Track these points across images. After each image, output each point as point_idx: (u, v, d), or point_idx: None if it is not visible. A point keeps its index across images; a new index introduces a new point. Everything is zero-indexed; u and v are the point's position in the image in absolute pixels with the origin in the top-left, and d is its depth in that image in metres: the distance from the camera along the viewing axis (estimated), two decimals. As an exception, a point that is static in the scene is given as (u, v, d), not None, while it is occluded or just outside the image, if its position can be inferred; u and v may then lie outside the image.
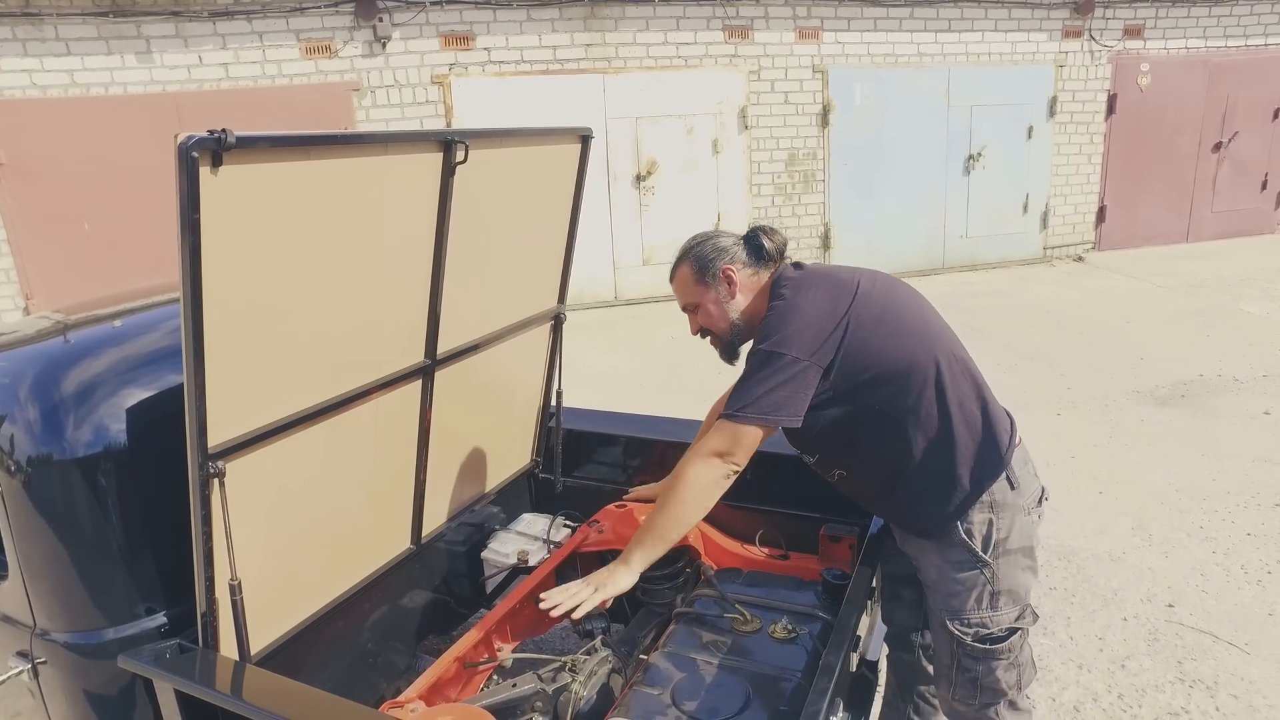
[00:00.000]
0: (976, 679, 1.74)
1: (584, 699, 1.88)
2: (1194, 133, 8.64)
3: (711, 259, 1.79)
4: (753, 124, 7.38)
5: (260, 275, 1.42)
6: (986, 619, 1.71)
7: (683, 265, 1.83)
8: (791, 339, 1.61)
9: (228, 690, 1.41)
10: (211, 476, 1.40)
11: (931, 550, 1.74)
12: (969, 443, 1.69)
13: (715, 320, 1.83)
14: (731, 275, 1.79)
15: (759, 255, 1.81)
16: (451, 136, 1.73)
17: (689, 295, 1.83)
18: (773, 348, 1.61)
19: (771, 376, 1.60)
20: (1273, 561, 3.16)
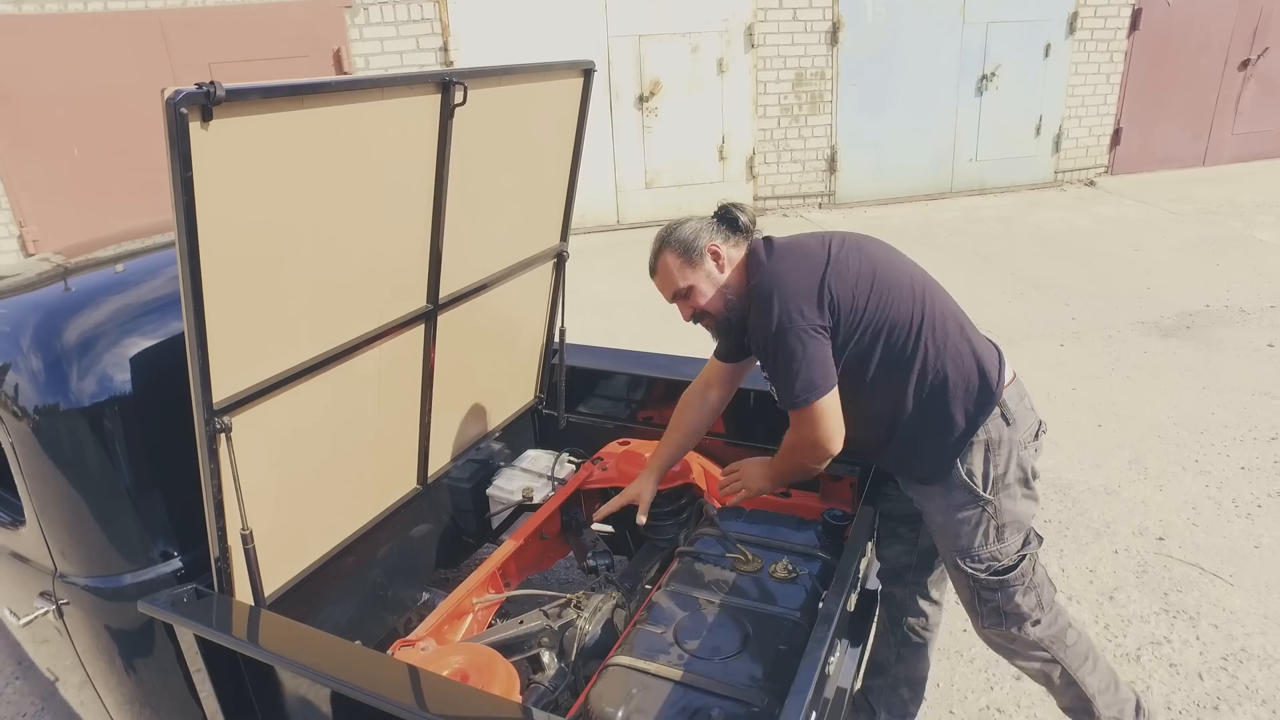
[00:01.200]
0: (999, 607, 1.83)
1: (589, 634, 1.95)
2: (1221, 49, 8.30)
3: (693, 240, 1.79)
4: (759, 42, 7.10)
5: (258, 228, 1.40)
6: (995, 552, 1.78)
7: (664, 253, 1.82)
8: (793, 312, 1.64)
9: (244, 636, 1.46)
10: (218, 432, 1.41)
11: (936, 495, 1.79)
12: (959, 383, 1.73)
13: (709, 299, 1.82)
14: (718, 251, 1.79)
15: (735, 228, 1.82)
16: (449, 77, 1.67)
17: (677, 280, 1.82)
18: (786, 326, 1.63)
19: (803, 351, 1.64)
20: (1264, 495, 3.21)
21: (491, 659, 1.66)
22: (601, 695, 1.61)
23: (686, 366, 2.57)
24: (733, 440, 2.47)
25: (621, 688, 1.61)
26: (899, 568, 2.09)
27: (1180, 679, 2.36)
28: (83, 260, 2.06)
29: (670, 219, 1.93)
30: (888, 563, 2.12)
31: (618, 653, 1.72)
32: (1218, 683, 2.34)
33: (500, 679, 1.60)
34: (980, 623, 1.89)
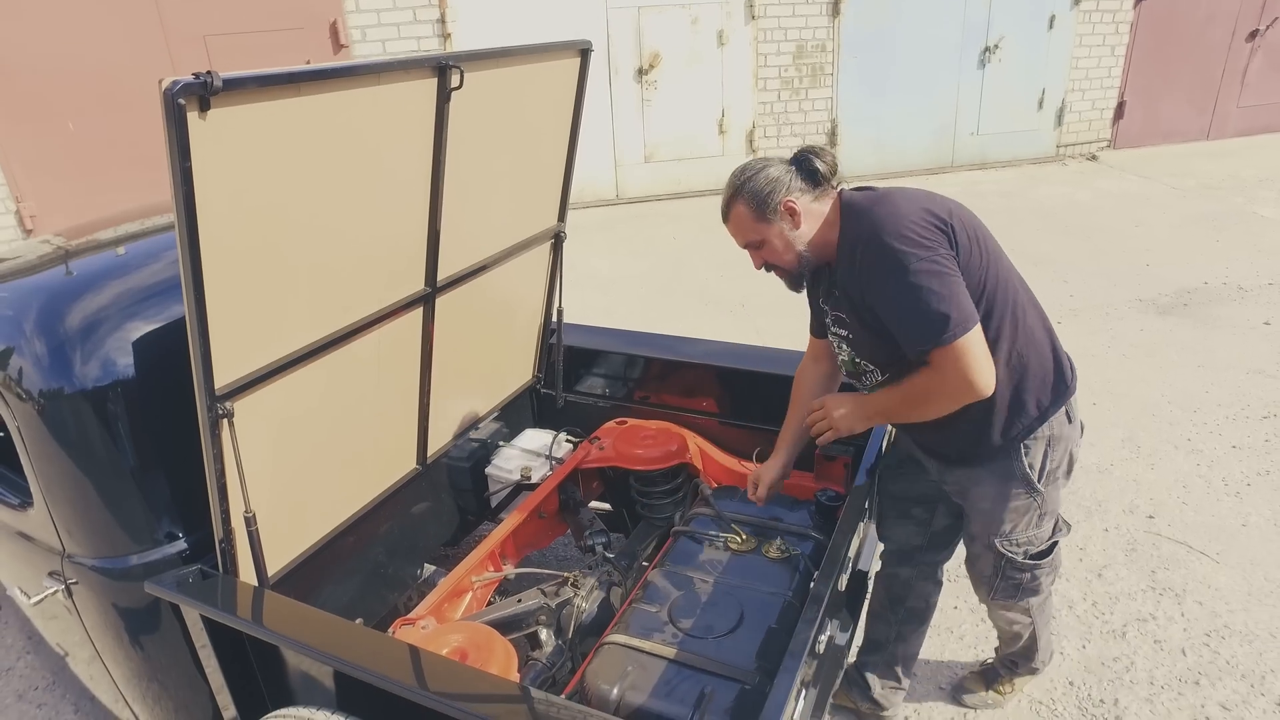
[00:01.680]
0: (1020, 584, 1.91)
1: (586, 612, 2.00)
2: (1229, 19, 8.19)
3: (768, 193, 1.67)
4: (760, 14, 7.02)
5: (257, 215, 1.41)
6: (1033, 537, 1.85)
7: (737, 204, 1.71)
8: (922, 245, 1.54)
9: (248, 616, 1.50)
10: (220, 417, 1.44)
11: (987, 481, 1.79)
12: (1038, 372, 1.72)
13: (782, 255, 1.72)
14: (794, 207, 1.68)
15: (814, 179, 1.71)
16: (446, 61, 1.66)
17: (749, 234, 1.72)
18: (917, 260, 1.52)
19: (940, 284, 1.52)
20: (1253, 474, 3.25)
21: (490, 637, 1.70)
22: (597, 673, 1.65)
23: (684, 346, 2.60)
24: (724, 419, 2.50)
25: (617, 665, 1.65)
26: (908, 549, 2.10)
27: (1164, 655, 2.41)
28: (84, 242, 2.07)
29: (670, 194, 1.90)
30: (895, 543, 2.12)
31: (613, 631, 1.77)
32: (1199, 658, 2.39)
33: (498, 657, 1.64)
34: (991, 595, 1.97)
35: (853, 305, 1.68)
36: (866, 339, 1.71)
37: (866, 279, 1.61)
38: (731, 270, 5.71)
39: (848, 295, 1.69)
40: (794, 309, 5.00)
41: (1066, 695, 2.31)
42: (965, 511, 1.91)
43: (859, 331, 1.72)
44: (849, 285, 1.67)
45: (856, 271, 1.63)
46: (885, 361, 1.73)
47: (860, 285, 1.63)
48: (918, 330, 1.54)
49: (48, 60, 5.62)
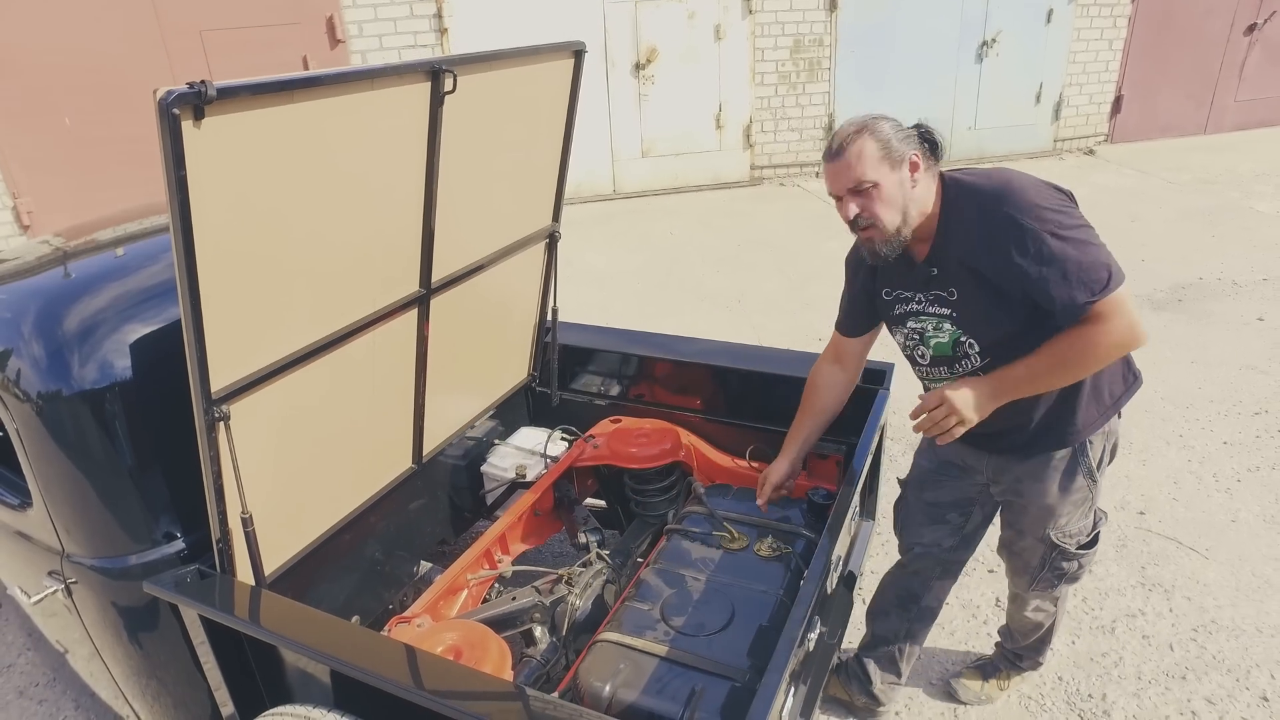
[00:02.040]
0: (1064, 573, 1.97)
1: (579, 610, 2.02)
2: (1227, 13, 8.18)
3: (899, 141, 1.61)
4: (757, 8, 7.00)
5: (252, 221, 1.42)
6: (1083, 527, 1.91)
7: (862, 138, 1.60)
8: (1062, 208, 1.55)
9: (246, 616, 1.52)
10: (217, 420, 1.46)
11: (1048, 476, 1.83)
12: (1119, 363, 1.76)
13: (891, 206, 1.62)
14: (918, 164, 1.62)
15: (934, 151, 1.66)
16: (439, 65, 1.68)
17: (866, 171, 1.60)
18: (1064, 218, 1.53)
19: (1090, 235, 1.54)
20: (1243, 470, 3.28)
21: (484, 635, 1.72)
22: (590, 670, 1.68)
23: (679, 345, 2.62)
24: (718, 418, 2.52)
25: (609, 663, 1.68)
26: (937, 551, 2.10)
27: (1152, 650, 2.44)
28: (83, 243, 2.08)
29: (667, 188, 1.88)
30: (923, 546, 2.11)
31: (606, 629, 1.79)
32: (1187, 653, 2.42)
33: (492, 655, 1.66)
34: (1032, 585, 2.01)
35: (965, 280, 1.65)
36: (979, 314, 1.67)
37: (1000, 246, 1.56)
38: (727, 266, 5.73)
39: (960, 270, 1.64)
40: (790, 306, 5.04)
41: (1055, 690, 2.34)
42: (1015, 508, 1.94)
43: (970, 307, 1.67)
44: (965, 258, 1.63)
45: (980, 241, 1.59)
46: (994, 339, 1.68)
47: (987, 254, 1.58)
48: (1081, 285, 1.51)
49: (44, 56, 5.61)
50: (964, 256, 1.64)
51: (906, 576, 2.19)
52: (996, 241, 1.57)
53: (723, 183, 7.58)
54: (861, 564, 2.37)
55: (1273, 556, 2.79)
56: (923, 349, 1.80)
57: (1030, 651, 2.26)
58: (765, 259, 5.83)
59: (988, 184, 1.62)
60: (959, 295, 1.68)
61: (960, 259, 1.64)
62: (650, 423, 2.52)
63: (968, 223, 1.62)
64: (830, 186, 1.66)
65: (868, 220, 1.64)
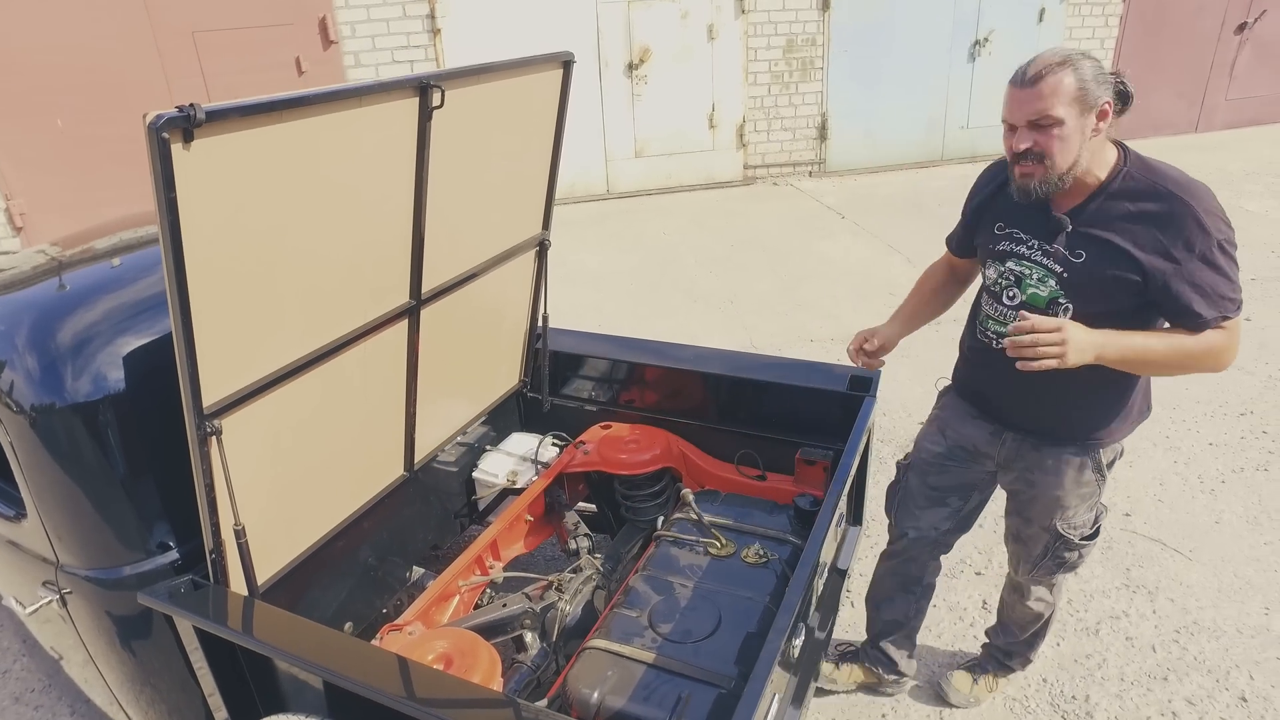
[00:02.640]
0: (1065, 563, 2.02)
1: (570, 616, 2.04)
2: (1218, 12, 8.22)
3: (1098, 86, 1.57)
4: (750, 8, 7.02)
5: (242, 239, 1.44)
6: (1087, 520, 1.98)
7: (1063, 73, 1.56)
8: (1232, 225, 1.61)
9: (239, 627, 1.55)
10: (209, 435, 1.48)
11: (1063, 468, 1.89)
12: (1145, 390, 1.90)
13: (1066, 150, 1.59)
14: (1107, 114, 1.59)
15: (1125, 105, 1.63)
16: (427, 81, 1.69)
17: (1055, 106, 1.56)
18: (1229, 233, 1.60)
19: (1238, 265, 1.62)
20: (1228, 471, 3.32)
21: (474, 643, 1.75)
22: (579, 677, 1.70)
23: (668, 351, 2.64)
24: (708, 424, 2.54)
25: (598, 670, 1.70)
26: (933, 534, 2.18)
27: (1135, 651, 2.48)
28: (79, 253, 2.10)
29: (660, 188, 1.88)
30: (919, 530, 2.19)
31: (595, 636, 1.82)
32: (1169, 654, 2.46)
33: (483, 663, 1.69)
34: (1035, 572, 2.07)
35: (1099, 249, 1.65)
36: (1095, 284, 1.67)
37: (1169, 232, 1.58)
38: (720, 266, 5.75)
39: (1101, 236, 1.65)
40: (782, 307, 5.07)
41: (1040, 692, 2.37)
42: (1024, 497, 1.99)
43: (1090, 276, 1.67)
44: (1116, 228, 1.63)
45: (1150, 219, 1.60)
46: (1095, 312, 1.68)
47: (1149, 234, 1.60)
48: (1220, 299, 1.59)
49: (36, 57, 5.61)
50: (1117, 228, 1.63)
51: (903, 564, 2.25)
52: (1168, 227, 1.59)
53: (716, 182, 7.60)
54: (849, 567, 2.40)
55: (1254, 557, 2.83)
56: (1014, 291, 1.80)
57: (1023, 648, 2.30)
58: (758, 259, 5.86)
59: (1178, 174, 1.64)
60: (1085, 259, 1.68)
61: (1110, 228, 1.64)
62: (640, 429, 2.55)
63: (1143, 197, 1.62)
64: (1010, 113, 1.62)
65: (1037, 156, 1.61)
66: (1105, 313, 1.68)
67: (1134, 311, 1.68)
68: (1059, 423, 1.87)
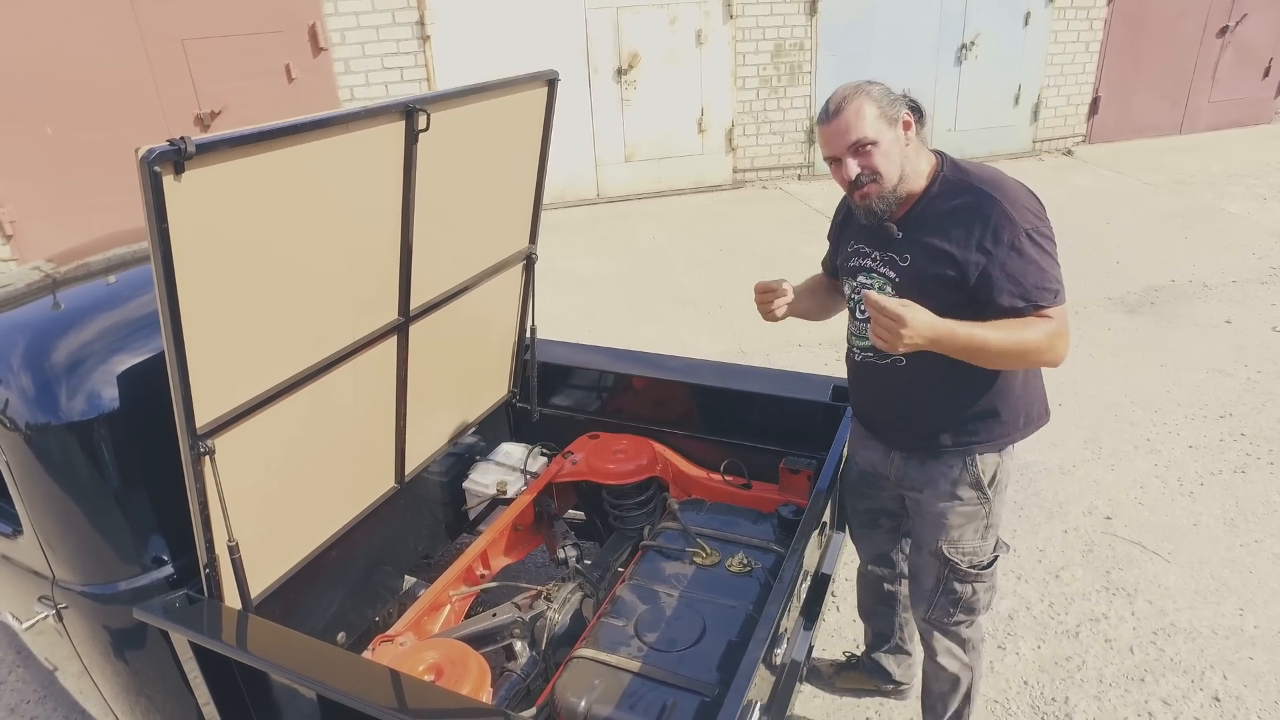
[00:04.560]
0: (959, 599, 1.95)
1: (558, 624, 2.09)
2: (1200, 16, 8.31)
3: (893, 103, 1.68)
4: (738, 13, 7.06)
5: (233, 264, 1.47)
6: (978, 547, 1.91)
7: (859, 100, 1.66)
8: (1039, 210, 1.66)
9: (233, 641, 1.58)
10: (203, 454, 1.51)
11: (940, 482, 1.87)
12: (1039, 387, 1.86)
13: (888, 164, 1.68)
14: (910, 123, 1.69)
15: (919, 119, 1.73)
16: (413, 105, 1.73)
17: (865, 130, 1.65)
18: (1039, 222, 1.64)
19: (1054, 249, 1.66)
20: (1207, 474, 3.38)
21: (464, 654, 1.78)
22: (566, 686, 1.74)
23: (656, 362, 2.68)
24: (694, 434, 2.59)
25: (585, 679, 1.75)
26: (883, 554, 2.21)
27: (1113, 653, 2.54)
28: (73, 270, 2.12)
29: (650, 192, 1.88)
30: (869, 553, 2.23)
31: (583, 645, 1.86)
32: (1146, 656, 2.52)
33: (472, 673, 1.73)
34: (929, 611, 2.00)
35: (921, 252, 1.71)
36: (919, 287, 1.71)
37: (977, 227, 1.64)
38: (709, 271, 5.79)
39: (923, 240, 1.71)
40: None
41: (1020, 694, 2.42)
42: (913, 516, 1.97)
43: (914, 278, 1.73)
44: (935, 230, 1.69)
45: (959, 216, 1.66)
46: None
47: (961, 231, 1.66)
48: (1032, 290, 1.62)
49: (25, 64, 5.61)
50: (934, 229, 1.70)
51: (873, 581, 2.29)
52: (977, 220, 1.64)
53: (705, 186, 7.64)
54: (834, 572, 2.45)
55: (1230, 559, 2.89)
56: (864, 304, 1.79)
57: None
58: (747, 263, 5.90)
59: (983, 170, 1.72)
60: (910, 263, 1.74)
61: (929, 230, 1.71)
62: (627, 438, 2.59)
63: (956, 196, 1.69)
64: (828, 149, 1.71)
65: (869, 176, 1.68)
66: (935, 311, 1.64)
67: (960, 309, 1.66)
68: (928, 433, 1.85)
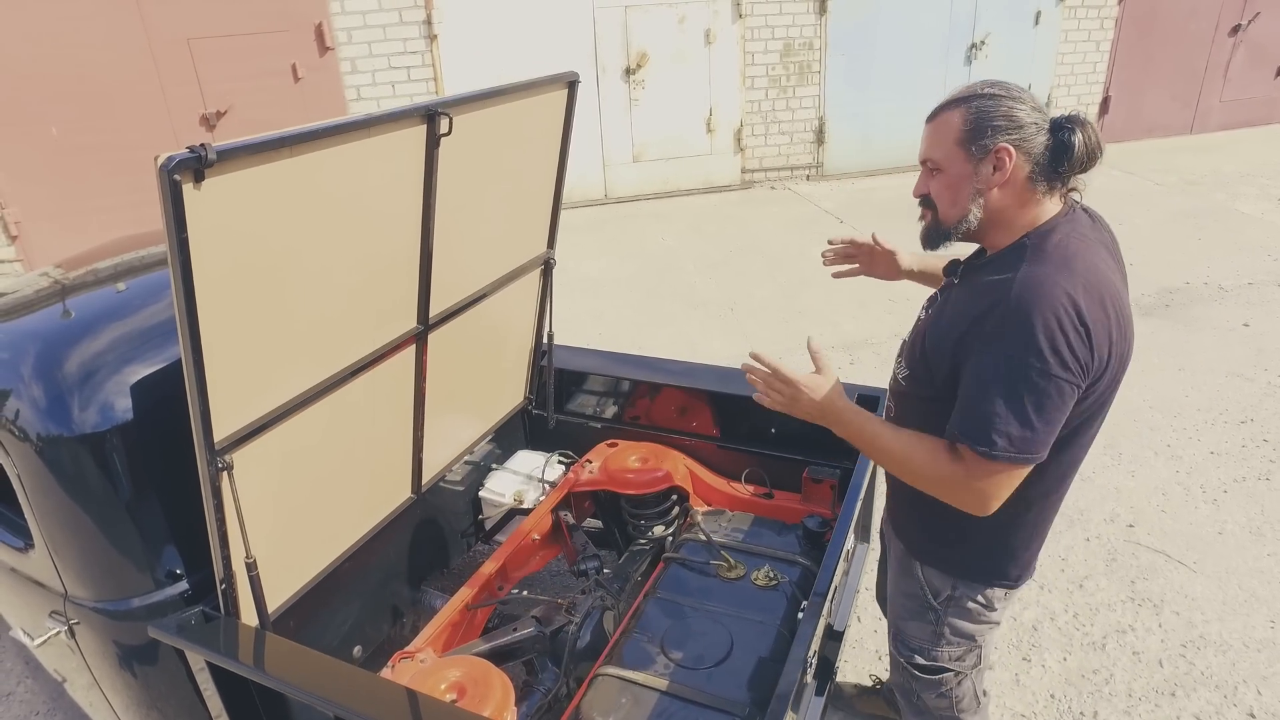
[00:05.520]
0: (908, 692, 1.79)
1: (580, 638, 2.04)
2: (1212, 14, 8.25)
3: (995, 124, 1.31)
4: (747, 12, 7.01)
5: (252, 274, 1.43)
6: (924, 650, 1.69)
7: (953, 111, 1.35)
8: (1064, 347, 1.24)
9: (250, 661, 1.54)
10: (221, 470, 1.46)
11: (899, 561, 1.71)
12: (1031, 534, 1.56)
13: (949, 200, 1.38)
14: (1005, 161, 1.31)
15: (1058, 160, 1.32)
16: (434, 109, 1.68)
17: (938, 149, 1.37)
18: (1046, 361, 1.24)
19: (1047, 404, 1.26)
20: (1230, 480, 3.33)
21: (487, 672, 1.74)
22: (592, 704, 1.70)
23: (674, 369, 2.63)
24: (717, 442, 2.54)
25: (611, 698, 1.70)
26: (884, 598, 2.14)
27: (1142, 666, 2.49)
28: (82, 276, 2.08)
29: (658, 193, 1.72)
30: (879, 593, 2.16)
31: (607, 662, 1.81)
32: (1176, 669, 2.47)
33: (496, 693, 1.68)
34: (898, 690, 1.86)
35: (951, 311, 1.42)
36: (918, 358, 1.48)
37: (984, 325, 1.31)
38: (719, 272, 5.75)
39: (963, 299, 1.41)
40: (782, 314, 5.06)
41: (1048, 708, 2.38)
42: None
43: (926, 338, 1.46)
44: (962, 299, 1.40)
45: (982, 303, 1.33)
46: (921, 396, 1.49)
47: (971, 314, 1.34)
48: (975, 424, 1.29)
49: (30, 65, 5.57)
50: (964, 298, 1.40)
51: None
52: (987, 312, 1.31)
53: (714, 186, 7.59)
54: (858, 583, 2.40)
55: (1258, 569, 2.84)
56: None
57: None
58: (757, 265, 5.85)
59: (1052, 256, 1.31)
60: (931, 319, 1.48)
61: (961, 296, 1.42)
62: (647, 447, 2.54)
63: (999, 270, 1.35)
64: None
65: (930, 201, 1.42)
66: (929, 397, 1.44)
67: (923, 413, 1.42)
68: (903, 521, 1.68)
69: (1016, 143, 1.31)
